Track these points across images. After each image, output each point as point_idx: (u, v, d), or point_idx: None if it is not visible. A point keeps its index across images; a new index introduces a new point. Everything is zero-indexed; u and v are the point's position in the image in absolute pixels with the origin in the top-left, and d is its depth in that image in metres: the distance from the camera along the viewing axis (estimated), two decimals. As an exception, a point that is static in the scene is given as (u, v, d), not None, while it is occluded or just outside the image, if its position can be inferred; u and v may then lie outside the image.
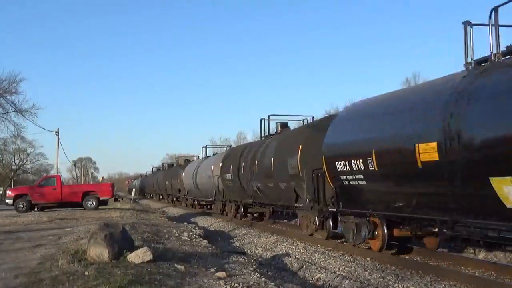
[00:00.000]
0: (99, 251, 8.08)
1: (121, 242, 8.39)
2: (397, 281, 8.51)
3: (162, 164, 60.70)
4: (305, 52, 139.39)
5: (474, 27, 8.27)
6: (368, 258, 10.83)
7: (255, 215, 21.55)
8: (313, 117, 19.49)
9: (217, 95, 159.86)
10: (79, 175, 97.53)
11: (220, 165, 23.69)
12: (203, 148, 35.64)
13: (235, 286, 6.91)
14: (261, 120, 20.51)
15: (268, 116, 20.29)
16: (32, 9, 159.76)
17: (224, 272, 7.74)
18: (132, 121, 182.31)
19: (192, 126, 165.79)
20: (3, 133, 39.60)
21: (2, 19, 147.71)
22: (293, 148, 14.41)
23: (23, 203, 27.01)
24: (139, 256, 8.03)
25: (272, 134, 19.73)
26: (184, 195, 35.52)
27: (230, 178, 21.89)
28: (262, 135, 20.70)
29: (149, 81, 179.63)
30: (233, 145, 37.07)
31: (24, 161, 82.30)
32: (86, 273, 7.15)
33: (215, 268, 8.19)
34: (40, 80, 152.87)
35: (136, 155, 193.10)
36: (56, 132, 41.39)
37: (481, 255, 10.55)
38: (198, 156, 44.48)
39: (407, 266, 9.67)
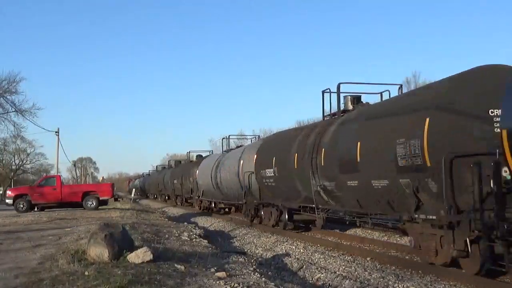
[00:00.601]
0: (99, 251, 8.08)
1: (121, 242, 8.38)
2: (397, 281, 8.51)
3: (169, 161, 56.06)
4: (305, 52, 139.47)
5: None
6: (368, 258, 10.82)
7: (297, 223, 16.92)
8: (401, 85, 14.21)
9: (217, 95, 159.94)
10: (79, 175, 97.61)
11: (255, 158, 18.51)
12: (223, 140, 30.12)
13: (235, 286, 6.91)
14: (323, 92, 14.83)
15: (338, 85, 14.19)
16: (32, 9, 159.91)
17: (224, 272, 7.74)
18: (132, 121, 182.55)
19: (192, 126, 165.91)
20: (3, 133, 39.67)
21: (2, 19, 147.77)
22: (411, 123, 9.09)
23: (23, 203, 27.01)
24: (139, 256, 8.02)
25: (344, 111, 13.89)
26: (199, 197, 30.33)
27: (272, 175, 16.52)
28: (325, 113, 15.15)
29: (149, 81, 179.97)
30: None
31: (24, 161, 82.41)
32: (86, 273, 7.15)
33: (215, 268, 8.19)
34: (40, 80, 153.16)
35: (136, 155, 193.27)
36: (56, 132, 41.40)
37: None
38: (213, 151, 41.04)
39: (407, 266, 9.66)
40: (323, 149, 12.78)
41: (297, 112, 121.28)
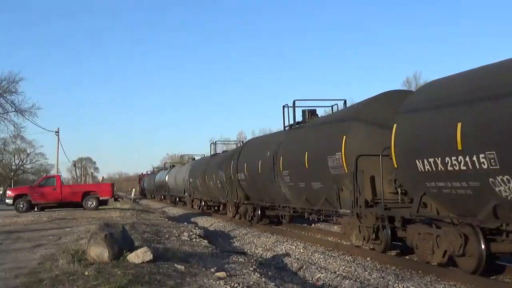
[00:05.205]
0: (99, 251, 8.08)
1: (121, 242, 8.39)
2: (397, 281, 8.50)
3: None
4: (306, 52, 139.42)
5: None
6: (368, 258, 10.82)
7: None
8: None
9: (217, 95, 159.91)
10: (79, 175, 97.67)
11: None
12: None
13: (235, 286, 6.91)
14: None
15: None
16: (32, 8, 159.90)
17: (224, 272, 7.74)
18: (132, 121, 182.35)
19: (192, 126, 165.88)
20: (3, 133, 39.57)
21: (2, 18, 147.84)
22: None
23: (23, 203, 27.05)
24: (139, 256, 8.03)
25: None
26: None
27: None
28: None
29: (149, 81, 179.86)
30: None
31: (24, 161, 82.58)
32: (86, 273, 7.15)
33: (215, 268, 8.20)
34: (40, 80, 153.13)
35: (136, 155, 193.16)
36: (56, 132, 41.39)
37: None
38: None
39: (407, 266, 9.66)
40: None
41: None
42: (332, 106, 15.88)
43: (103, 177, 69.88)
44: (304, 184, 13.82)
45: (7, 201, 28.33)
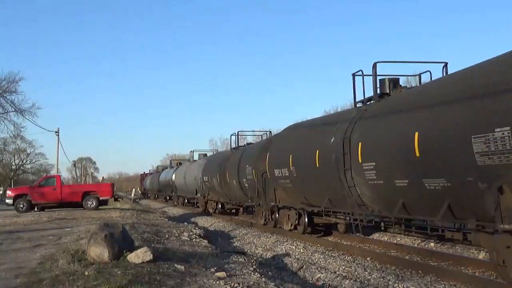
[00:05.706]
0: (99, 251, 8.08)
1: (121, 242, 8.39)
2: (397, 281, 8.50)
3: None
4: (304, 52, 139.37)
5: None
6: (368, 258, 10.82)
7: None
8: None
9: (217, 95, 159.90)
10: (79, 175, 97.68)
11: None
12: None
13: (235, 286, 6.91)
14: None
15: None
16: (32, 7, 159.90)
17: (224, 272, 7.74)
18: (132, 121, 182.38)
19: (192, 126, 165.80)
20: (3, 133, 39.67)
21: (2, 18, 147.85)
22: None
23: (23, 203, 27.07)
24: (139, 256, 8.03)
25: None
26: None
27: None
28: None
29: (150, 81, 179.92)
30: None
31: (24, 161, 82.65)
32: (86, 273, 7.15)
33: (215, 268, 8.19)
34: (40, 80, 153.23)
35: (136, 155, 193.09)
36: (56, 132, 41.38)
37: (481, 255, 10.54)
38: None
39: (407, 266, 9.66)
40: None
41: (297, 112, 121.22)
42: (420, 75, 11.91)
43: (103, 177, 69.85)
44: (406, 183, 9.05)
45: (7, 201, 28.35)
